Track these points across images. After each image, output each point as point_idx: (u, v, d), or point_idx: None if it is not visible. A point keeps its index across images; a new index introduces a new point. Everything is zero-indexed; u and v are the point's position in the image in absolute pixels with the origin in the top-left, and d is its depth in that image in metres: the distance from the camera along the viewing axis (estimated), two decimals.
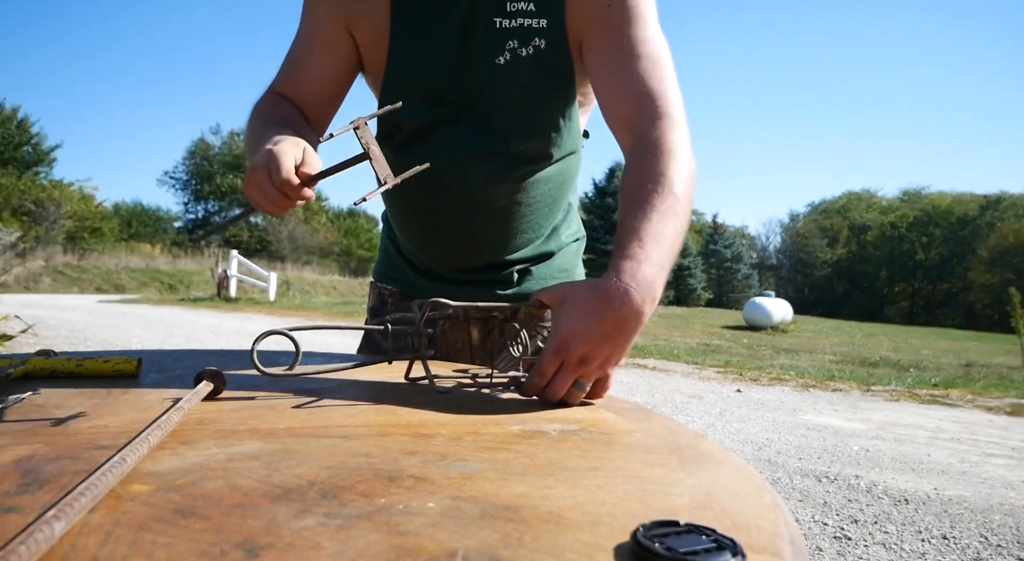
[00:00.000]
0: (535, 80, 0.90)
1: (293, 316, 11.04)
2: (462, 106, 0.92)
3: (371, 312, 1.09)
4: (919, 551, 2.27)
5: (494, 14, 0.89)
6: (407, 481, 0.38)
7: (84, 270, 19.76)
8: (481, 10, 0.90)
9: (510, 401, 0.64)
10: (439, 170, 0.88)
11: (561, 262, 1.04)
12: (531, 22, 0.89)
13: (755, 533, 0.32)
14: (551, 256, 1.03)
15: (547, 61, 0.90)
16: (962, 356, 10.18)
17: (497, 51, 0.90)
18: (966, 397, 5.87)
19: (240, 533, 0.30)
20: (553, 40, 0.89)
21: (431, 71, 0.91)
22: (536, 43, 0.89)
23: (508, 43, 0.89)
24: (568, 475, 0.40)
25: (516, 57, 0.90)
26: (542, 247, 1.02)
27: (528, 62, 0.90)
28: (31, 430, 0.47)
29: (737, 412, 4.65)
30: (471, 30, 0.90)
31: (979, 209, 40.57)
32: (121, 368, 0.70)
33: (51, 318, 8.81)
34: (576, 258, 1.09)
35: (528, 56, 0.89)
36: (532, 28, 0.89)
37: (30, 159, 27.67)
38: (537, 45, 0.89)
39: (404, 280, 1.05)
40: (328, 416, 0.55)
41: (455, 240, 0.98)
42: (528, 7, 0.89)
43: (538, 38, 0.89)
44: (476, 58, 0.90)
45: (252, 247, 29.69)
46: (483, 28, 0.90)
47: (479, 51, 0.90)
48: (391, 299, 1.06)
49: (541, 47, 0.89)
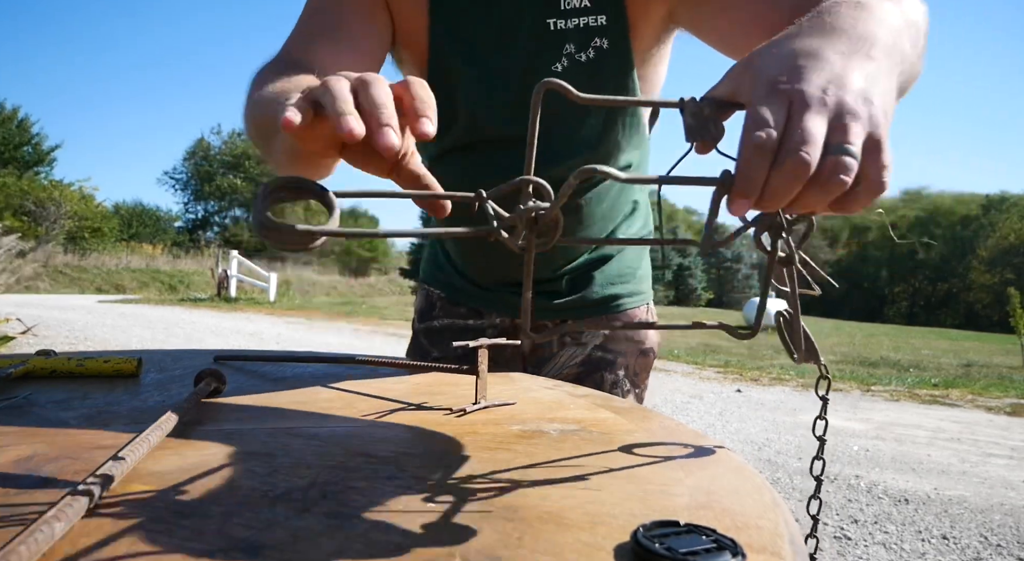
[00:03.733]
0: (596, 87, 0.77)
1: (293, 316, 11.04)
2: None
3: (419, 314, 1.02)
4: (919, 551, 2.27)
5: (546, 15, 0.79)
6: (407, 481, 0.38)
7: (84, 270, 19.76)
8: (529, 10, 0.80)
9: (510, 400, 0.64)
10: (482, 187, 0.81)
11: (621, 264, 0.94)
12: (589, 20, 0.79)
13: (755, 533, 0.32)
14: (610, 259, 0.94)
15: (610, 62, 0.80)
16: (962, 356, 10.17)
17: (553, 58, 0.80)
18: (966, 397, 5.87)
19: (240, 533, 0.30)
20: (616, 36, 0.79)
21: (475, 76, 0.82)
22: (597, 44, 0.79)
23: (566, 47, 0.80)
24: (568, 475, 0.40)
25: (574, 63, 0.80)
26: (599, 252, 0.93)
27: (588, 67, 0.80)
28: (31, 430, 0.47)
29: (737, 412, 4.65)
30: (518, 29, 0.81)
31: (980, 209, 40.58)
32: (121, 368, 0.70)
33: (51, 318, 8.80)
34: (642, 255, 1.00)
35: (589, 60, 0.80)
36: (592, 27, 0.79)
37: (30, 159, 27.66)
38: (599, 46, 0.79)
39: (451, 285, 0.98)
40: (328, 416, 0.55)
41: (503, 259, 0.89)
42: (583, 3, 0.79)
43: (599, 38, 0.79)
44: (527, 64, 0.81)
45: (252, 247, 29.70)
46: (533, 31, 0.80)
47: (531, 55, 0.81)
48: (439, 303, 0.99)
49: (603, 48, 0.79)
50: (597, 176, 0.34)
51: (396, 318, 11.38)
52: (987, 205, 41.10)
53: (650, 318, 0.98)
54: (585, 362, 0.93)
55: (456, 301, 0.97)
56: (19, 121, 27.72)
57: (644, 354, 0.95)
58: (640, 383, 0.96)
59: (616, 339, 0.93)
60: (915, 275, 42.52)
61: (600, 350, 0.93)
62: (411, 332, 1.04)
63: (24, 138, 27.65)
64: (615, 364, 0.93)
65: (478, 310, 0.96)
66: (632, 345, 0.94)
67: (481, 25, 0.83)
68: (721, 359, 7.88)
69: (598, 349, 0.93)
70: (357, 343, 7.52)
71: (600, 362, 0.93)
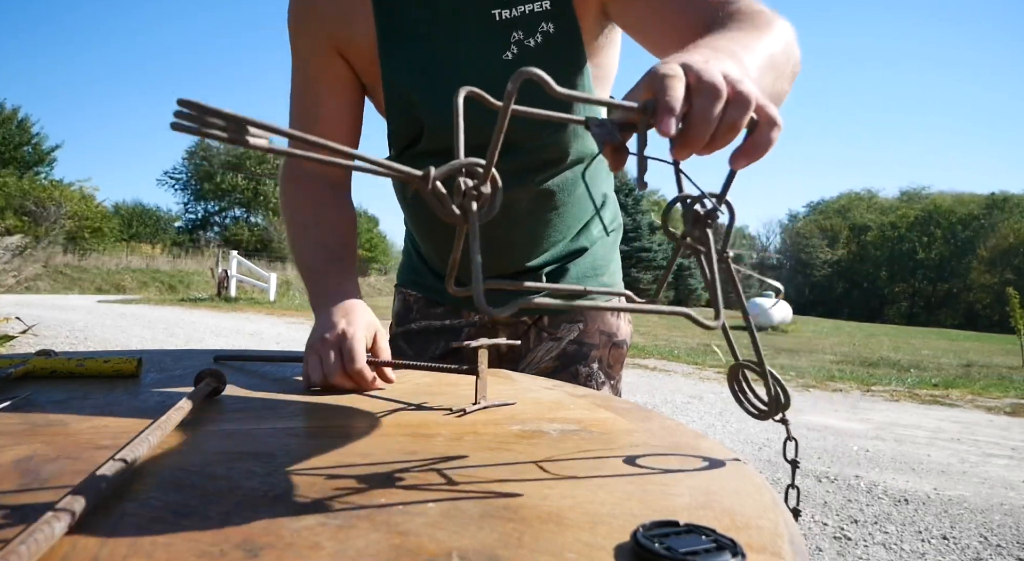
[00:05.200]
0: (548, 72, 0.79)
1: (293, 316, 11.04)
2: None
3: (396, 318, 1.04)
4: (919, 551, 2.27)
5: (491, 5, 0.81)
6: (407, 481, 0.38)
7: (84, 270, 19.76)
8: (472, 3, 0.81)
9: (509, 400, 0.64)
10: None
11: (594, 258, 0.97)
12: (534, 6, 0.80)
13: (755, 533, 0.32)
14: (583, 252, 0.96)
15: (559, 46, 0.81)
16: (962, 356, 10.18)
17: (502, 46, 0.82)
18: (966, 397, 5.87)
19: (240, 533, 0.30)
20: (562, 21, 0.80)
21: (427, 85, 0.84)
22: (544, 29, 0.80)
23: (513, 35, 0.81)
24: (568, 475, 0.40)
25: (524, 50, 0.81)
26: (571, 245, 0.95)
27: (538, 52, 0.81)
28: (31, 430, 0.47)
29: (737, 412, 4.65)
30: (464, 26, 0.82)
31: (980, 209, 40.59)
32: (121, 368, 0.70)
33: (51, 318, 8.80)
34: (612, 250, 1.02)
35: (537, 46, 0.81)
36: (536, 13, 0.81)
37: (30, 159, 27.67)
38: (546, 31, 0.81)
39: (428, 285, 1.00)
40: (328, 416, 0.55)
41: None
42: None
43: (545, 22, 0.81)
44: (478, 58, 0.83)
45: (252, 247, 29.69)
46: (478, 22, 0.82)
47: (480, 49, 0.82)
48: (416, 305, 1.01)
49: (550, 32, 0.81)
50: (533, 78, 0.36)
51: None
52: (990, 204, 41.09)
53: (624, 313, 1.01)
54: (560, 356, 0.95)
55: (433, 300, 1.00)
56: (19, 121, 27.73)
57: (617, 346, 0.98)
58: (615, 374, 0.99)
59: (589, 333, 0.96)
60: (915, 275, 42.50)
61: (574, 343, 0.95)
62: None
63: (24, 138, 27.66)
64: (588, 357, 0.96)
65: (455, 310, 0.98)
66: (604, 338, 0.97)
67: (427, 22, 0.84)
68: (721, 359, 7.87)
69: (572, 343, 0.95)
70: None
71: (575, 355, 0.95)
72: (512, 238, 0.90)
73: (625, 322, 1.01)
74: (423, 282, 1.01)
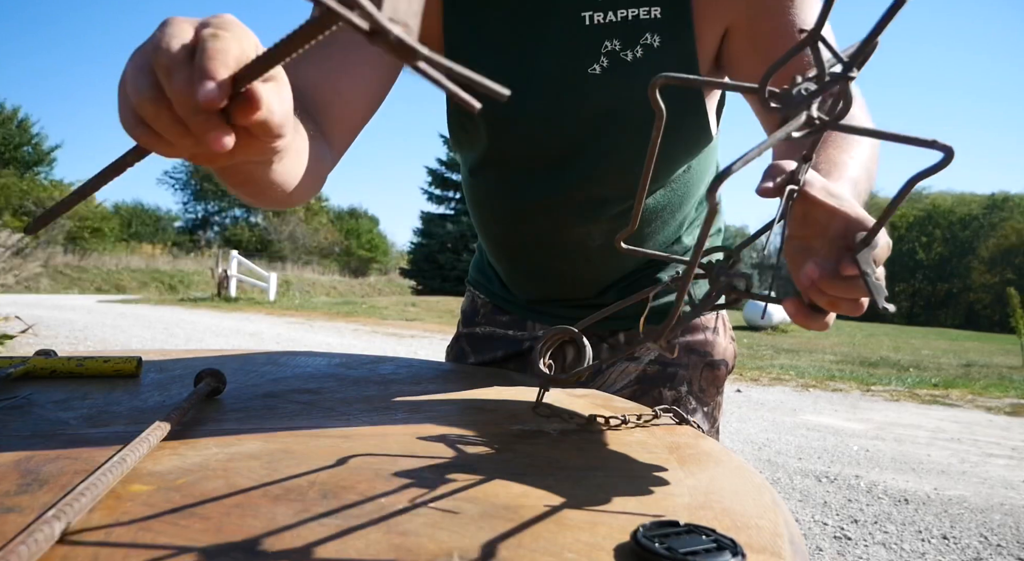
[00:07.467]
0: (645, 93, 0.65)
1: (293, 316, 11.04)
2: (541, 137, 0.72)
3: (464, 316, 0.98)
4: (919, 551, 2.27)
5: (581, 6, 0.69)
6: (407, 481, 0.38)
7: (84, 270, 19.77)
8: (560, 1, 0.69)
9: (509, 401, 0.64)
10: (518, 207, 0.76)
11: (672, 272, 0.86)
12: (639, 11, 0.67)
13: (755, 533, 0.32)
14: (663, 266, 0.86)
15: (664, 65, 0.68)
16: (962, 356, 10.18)
17: (590, 57, 0.69)
18: (966, 397, 5.87)
19: (240, 533, 0.30)
20: (674, 33, 0.68)
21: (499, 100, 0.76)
22: (648, 41, 0.68)
23: (605, 45, 0.69)
24: (568, 475, 0.40)
25: (617, 63, 0.69)
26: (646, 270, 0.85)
27: (636, 68, 0.68)
28: (31, 430, 0.47)
29: (737, 412, 4.65)
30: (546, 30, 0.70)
31: (980, 209, 40.59)
32: (121, 368, 0.70)
33: (51, 318, 8.80)
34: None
35: (636, 60, 0.68)
36: (641, 20, 0.68)
37: (30, 159, 27.68)
38: (649, 43, 0.68)
39: (494, 292, 0.94)
40: (328, 416, 0.55)
41: (542, 279, 0.85)
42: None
43: (651, 34, 0.68)
44: (557, 70, 0.71)
45: (252, 247, 29.70)
46: (563, 25, 0.70)
47: (563, 58, 0.70)
48: (483, 309, 0.95)
49: (655, 46, 0.68)
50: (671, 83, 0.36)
51: (396, 318, 11.39)
52: (991, 204, 41.09)
53: (720, 327, 0.88)
54: (640, 378, 0.84)
55: (499, 307, 0.94)
56: (19, 121, 27.74)
57: (712, 367, 0.85)
58: (709, 400, 0.85)
59: (678, 352, 0.85)
60: (915, 275, 42.51)
61: (657, 364, 0.84)
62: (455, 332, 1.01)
63: (24, 138, 27.67)
64: (676, 378, 0.84)
65: (521, 320, 0.91)
66: (697, 357, 0.84)
67: (503, 23, 0.73)
68: None
69: (654, 363, 0.84)
70: (357, 343, 7.52)
71: (657, 377, 0.84)
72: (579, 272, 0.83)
73: (725, 338, 0.87)
74: (491, 288, 0.95)
